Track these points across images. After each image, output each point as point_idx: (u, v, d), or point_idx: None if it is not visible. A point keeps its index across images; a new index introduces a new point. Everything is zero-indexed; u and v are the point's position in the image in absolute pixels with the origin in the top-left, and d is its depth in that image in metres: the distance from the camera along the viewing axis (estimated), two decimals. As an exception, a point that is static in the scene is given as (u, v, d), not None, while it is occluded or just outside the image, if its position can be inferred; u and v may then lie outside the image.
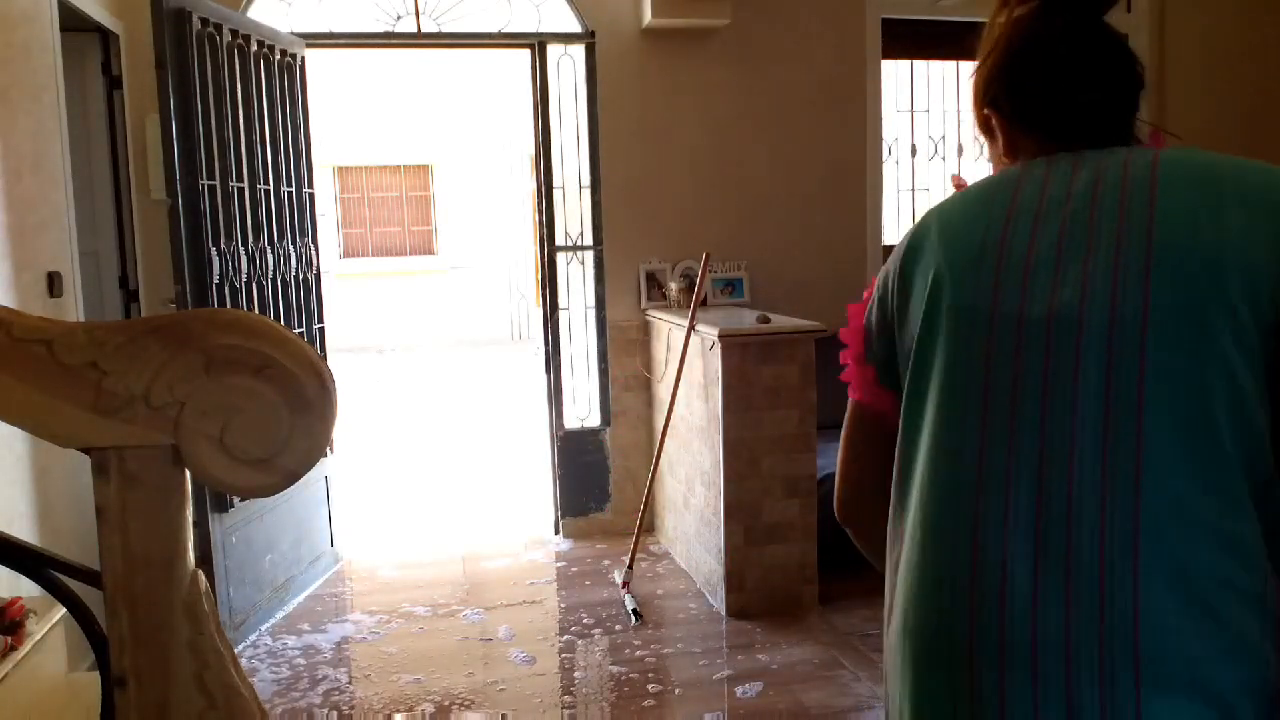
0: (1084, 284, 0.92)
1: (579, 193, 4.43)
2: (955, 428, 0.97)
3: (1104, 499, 0.89)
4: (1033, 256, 0.96)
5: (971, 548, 0.94)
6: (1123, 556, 0.87)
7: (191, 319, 1.04)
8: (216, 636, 1.09)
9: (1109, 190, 0.96)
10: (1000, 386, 0.94)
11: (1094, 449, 0.89)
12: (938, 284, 1.01)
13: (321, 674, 3.23)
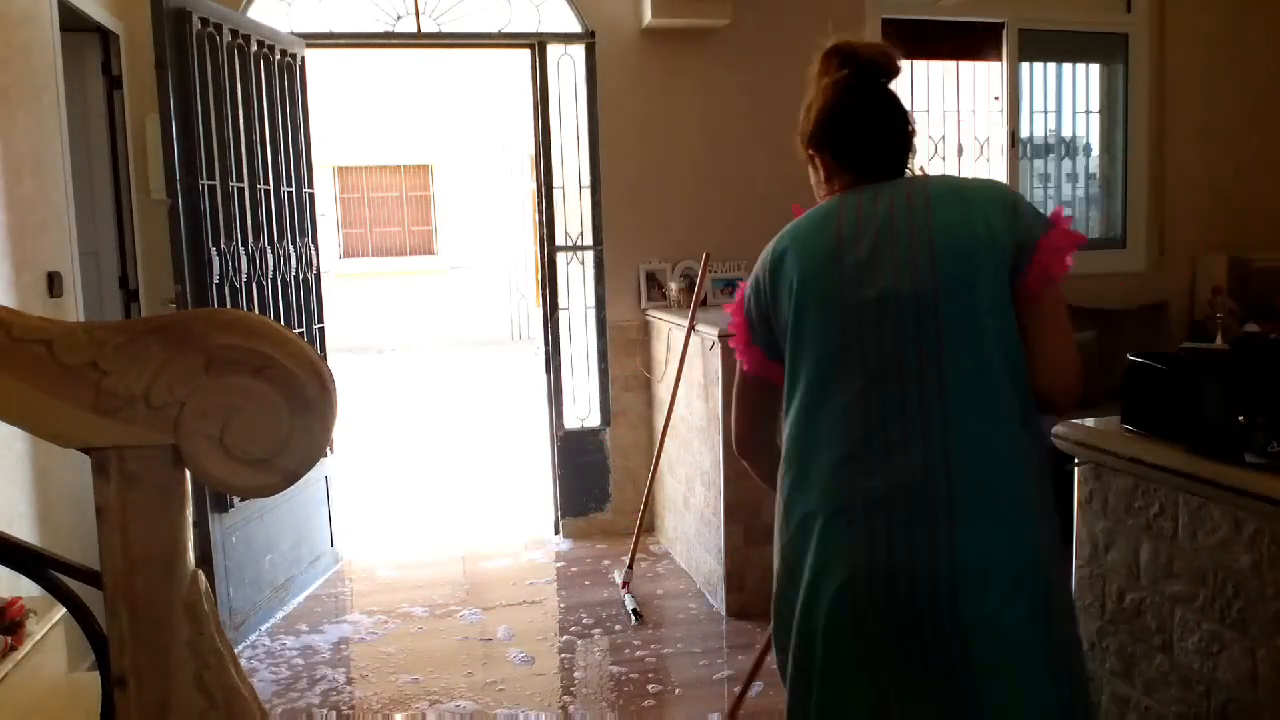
0: (894, 273, 1.44)
1: (579, 193, 4.43)
2: (831, 372, 1.47)
3: (923, 403, 1.40)
4: (859, 259, 1.46)
5: (861, 462, 1.43)
6: (943, 439, 1.39)
7: (191, 319, 1.04)
8: (216, 636, 1.09)
9: (900, 211, 1.47)
10: (853, 343, 1.45)
11: (915, 373, 1.41)
12: (801, 284, 1.50)
13: (320, 674, 3.23)
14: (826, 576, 1.43)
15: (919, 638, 1.37)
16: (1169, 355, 1.94)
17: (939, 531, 1.36)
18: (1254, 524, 1.65)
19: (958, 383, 1.40)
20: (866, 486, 1.41)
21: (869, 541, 1.39)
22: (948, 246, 1.43)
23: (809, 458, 1.47)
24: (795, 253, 1.53)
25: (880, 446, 1.41)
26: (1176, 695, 1.85)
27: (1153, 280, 5.14)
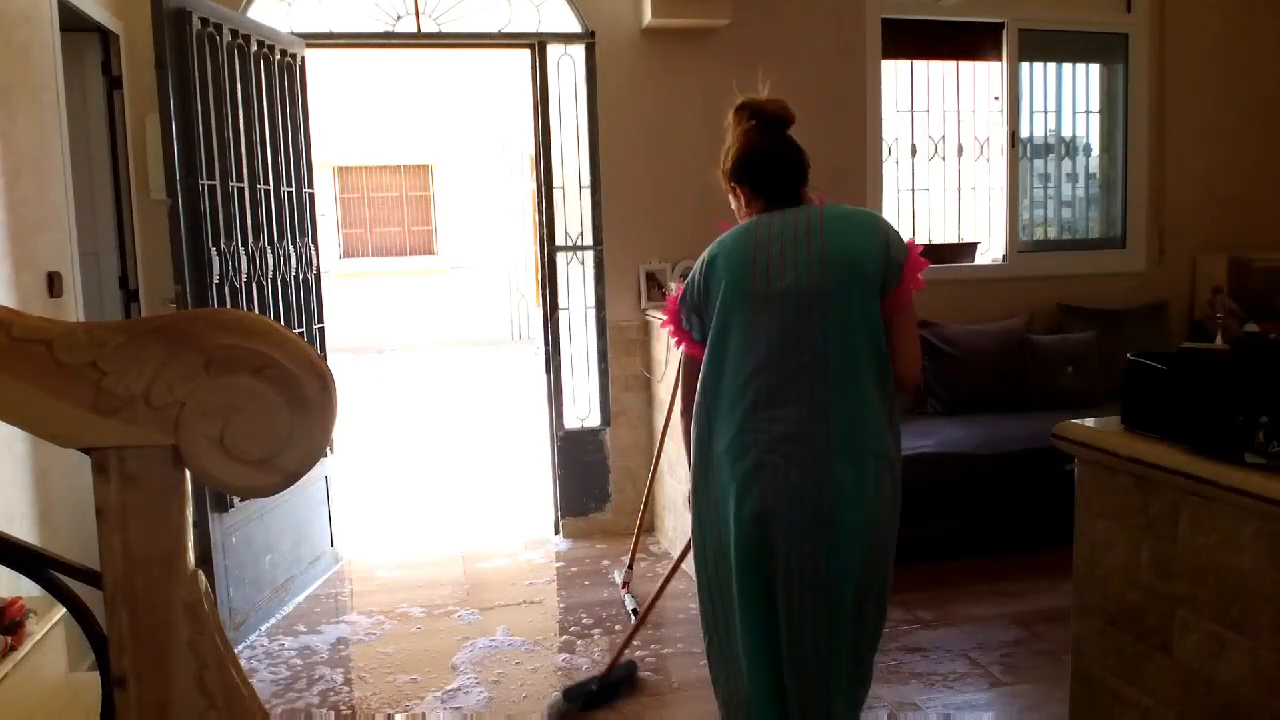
0: (796, 274, 1.96)
1: (579, 193, 4.43)
2: (751, 349, 1.97)
3: (815, 371, 1.92)
4: (771, 263, 1.98)
5: (767, 413, 1.95)
6: (824, 398, 1.91)
7: (191, 319, 1.04)
8: (216, 637, 1.09)
9: (802, 230, 2.00)
10: (763, 324, 1.96)
11: (809, 350, 1.93)
12: (729, 282, 2.01)
13: (319, 674, 3.23)
14: (743, 497, 1.96)
15: (806, 536, 1.92)
16: (1169, 355, 1.95)
17: (820, 467, 1.91)
18: (1254, 524, 1.65)
19: (835, 359, 1.93)
20: (770, 431, 1.93)
21: (771, 471, 1.93)
22: (836, 258, 1.95)
23: (727, 404, 2.00)
24: (724, 259, 2.05)
25: (780, 401, 1.94)
26: (1176, 695, 1.85)
27: (1153, 280, 5.14)
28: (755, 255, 2.00)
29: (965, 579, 3.84)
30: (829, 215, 2.02)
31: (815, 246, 1.96)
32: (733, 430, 1.97)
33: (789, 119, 2.12)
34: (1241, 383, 1.75)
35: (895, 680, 3.06)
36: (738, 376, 1.98)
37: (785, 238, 1.99)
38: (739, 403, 1.97)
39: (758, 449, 1.94)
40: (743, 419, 1.96)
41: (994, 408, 4.60)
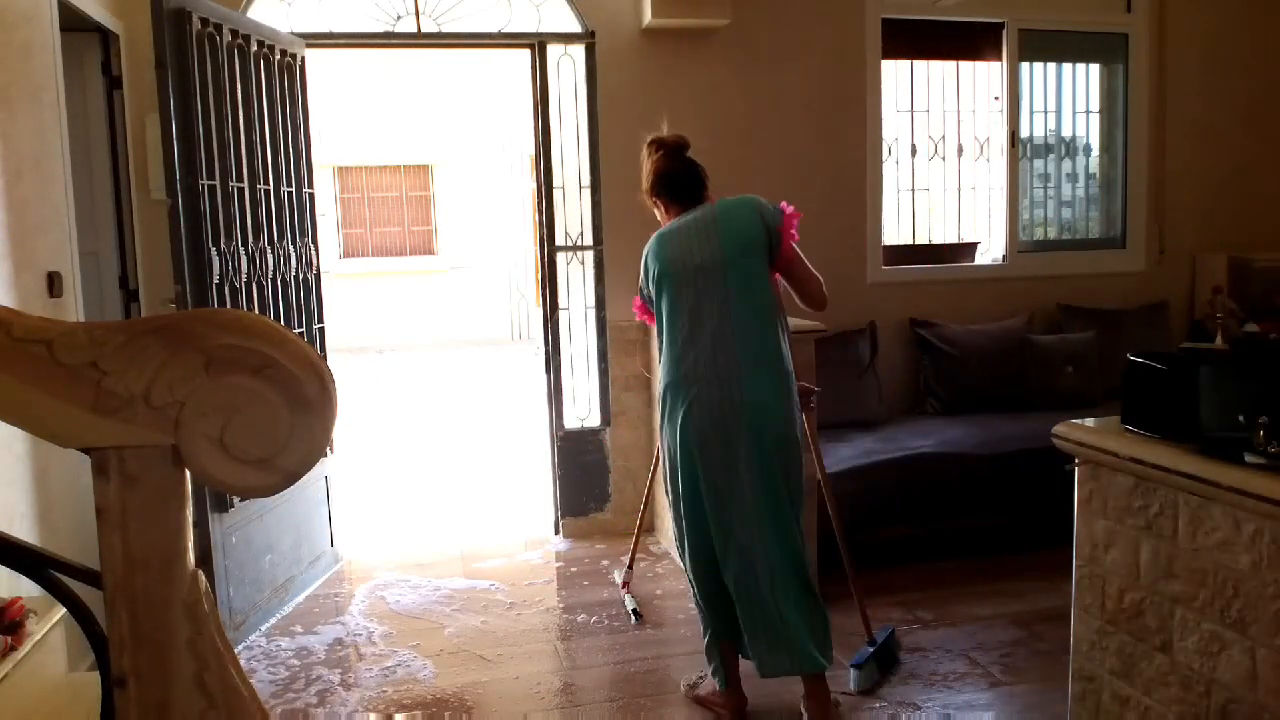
0: (705, 252, 2.69)
1: (579, 193, 4.43)
2: (679, 312, 2.70)
3: (724, 326, 2.65)
4: (688, 246, 2.72)
5: (693, 355, 2.67)
6: (733, 346, 2.64)
7: (191, 319, 1.04)
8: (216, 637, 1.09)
9: (704, 220, 2.75)
10: (689, 294, 2.69)
11: (720, 311, 2.66)
12: (660, 267, 2.75)
13: (318, 674, 3.23)
14: (685, 416, 2.66)
15: (733, 439, 2.62)
16: (1169, 355, 1.95)
17: (739, 386, 2.62)
18: (1254, 524, 1.65)
19: (738, 312, 2.65)
20: (695, 366, 2.65)
21: (703, 394, 2.64)
22: (729, 237, 2.69)
23: (670, 354, 2.72)
24: (654, 251, 2.79)
25: (704, 344, 2.65)
26: (1176, 695, 1.85)
27: (1153, 280, 5.14)
28: (677, 242, 2.74)
29: (965, 579, 3.84)
30: (719, 207, 2.77)
31: (714, 232, 2.70)
32: (674, 370, 2.70)
33: (686, 145, 2.93)
34: (1241, 383, 1.75)
35: (895, 680, 3.06)
36: (672, 330, 2.71)
37: (693, 229, 2.73)
38: (674, 349, 2.70)
39: (691, 381, 2.66)
40: (679, 361, 2.69)
41: (994, 408, 4.60)
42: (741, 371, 2.62)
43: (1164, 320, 5.01)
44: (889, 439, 4.23)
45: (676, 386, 2.69)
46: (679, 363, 2.68)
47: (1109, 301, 5.03)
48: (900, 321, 4.83)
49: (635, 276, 4.56)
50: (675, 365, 2.69)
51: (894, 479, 3.94)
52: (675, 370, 2.69)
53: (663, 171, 2.87)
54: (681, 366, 2.67)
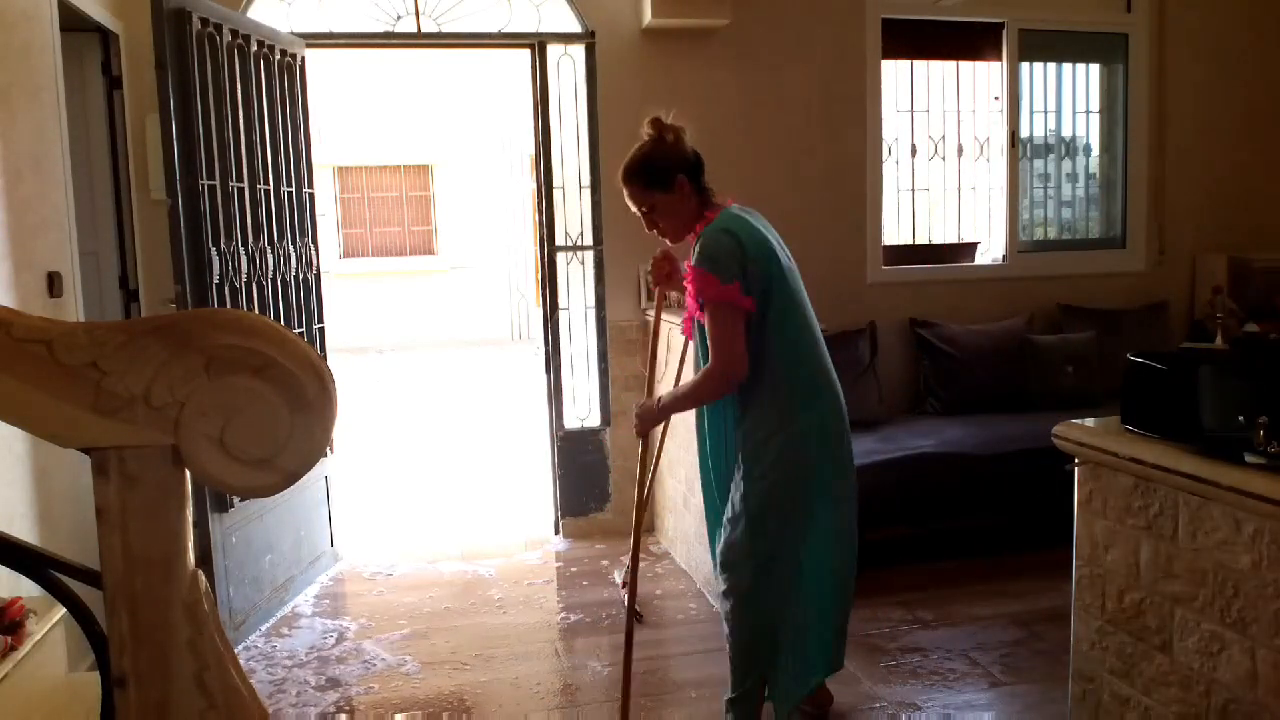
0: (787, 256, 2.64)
1: (579, 193, 4.43)
2: (799, 315, 2.64)
3: (818, 333, 2.68)
4: (777, 246, 2.62)
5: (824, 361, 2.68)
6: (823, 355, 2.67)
7: (191, 319, 1.04)
8: (216, 636, 1.09)
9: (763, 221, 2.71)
10: (801, 297, 2.65)
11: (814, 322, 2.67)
12: (773, 257, 2.58)
13: (318, 674, 3.23)
14: (833, 423, 2.64)
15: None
16: (1169, 355, 1.94)
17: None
18: (1254, 524, 1.65)
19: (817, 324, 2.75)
20: (829, 374, 2.69)
21: (838, 402, 2.66)
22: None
23: (811, 359, 2.71)
24: (753, 232, 2.64)
25: (823, 352, 2.72)
26: (1176, 695, 1.85)
27: (1153, 280, 5.14)
28: (769, 240, 2.62)
29: (965, 579, 3.84)
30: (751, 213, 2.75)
31: (775, 236, 2.75)
32: (816, 376, 2.66)
33: None
34: (1241, 383, 1.75)
35: (895, 680, 3.06)
36: (804, 334, 2.69)
37: (765, 226, 2.71)
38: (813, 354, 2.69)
39: (829, 386, 2.65)
40: (821, 365, 2.68)
41: (994, 408, 4.60)
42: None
43: (1164, 320, 5.01)
44: (889, 439, 4.23)
45: (821, 394, 2.56)
46: (821, 370, 2.59)
47: (1109, 301, 5.03)
48: (900, 321, 4.83)
49: (635, 276, 4.61)
50: (818, 373, 2.58)
51: (894, 479, 3.94)
52: (818, 378, 2.57)
53: (693, 154, 2.65)
54: (823, 374, 2.58)
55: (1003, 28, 4.89)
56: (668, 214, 2.61)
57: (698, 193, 2.62)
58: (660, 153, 2.60)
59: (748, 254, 2.46)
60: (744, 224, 2.54)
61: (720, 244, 2.46)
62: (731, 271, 2.42)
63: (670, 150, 2.61)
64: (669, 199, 2.59)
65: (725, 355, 2.42)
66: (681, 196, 2.59)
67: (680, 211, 2.61)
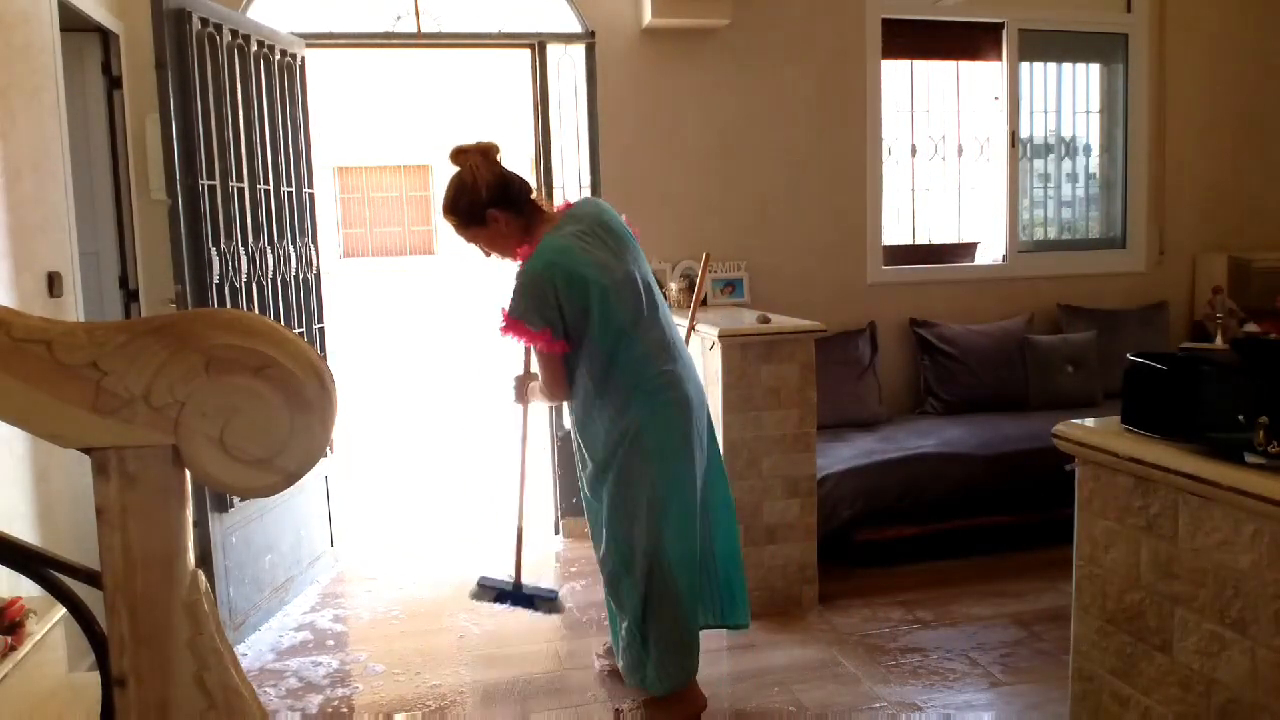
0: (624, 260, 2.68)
1: (579, 192, 4.43)
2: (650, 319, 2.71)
3: (670, 332, 2.73)
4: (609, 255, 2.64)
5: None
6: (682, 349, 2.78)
7: (191, 319, 1.04)
8: (216, 637, 1.09)
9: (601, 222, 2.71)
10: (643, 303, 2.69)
11: (665, 315, 2.75)
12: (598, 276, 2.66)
13: (318, 674, 3.22)
14: (682, 407, 2.73)
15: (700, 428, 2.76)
16: (1169, 355, 1.94)
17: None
18: (1254, 524, 1.65)
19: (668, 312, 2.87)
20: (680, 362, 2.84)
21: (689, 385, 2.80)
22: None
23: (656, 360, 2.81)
24: (576, 260, 2.65)
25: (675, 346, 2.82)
26: (1176, 695, 1.85)
27: (1153, 280, 5.14)
28: (598, 253, 2.68)
29: (965, 579, 3.84)
30: (601, 209, 2.79)
31: (617, 239, 2.76)
32: (670, 390, 2.77)
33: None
34: (1241, 383, 1.75)
35: (895, 680, 3.06)
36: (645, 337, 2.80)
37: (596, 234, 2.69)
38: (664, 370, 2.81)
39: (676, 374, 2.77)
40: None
41: (994, 408, 4.60)
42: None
43: (1164, 320, 5.01)
44: (889, 439, 4.23)
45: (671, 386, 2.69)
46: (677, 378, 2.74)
47: (1109, 301, 5.03)
48: (900, 321, 4.83)
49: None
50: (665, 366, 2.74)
51: (894, 479, 3.94)
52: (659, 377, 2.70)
53: (508, 175, 2.65)
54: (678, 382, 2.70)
55: (1003, 28, 4.89)
56: (492, 244, 2.68)
57: (518, 215, 2.63)
58: (464, 193, 2.61)
59: (559, 290, 2.52)
60: (559, 253, 2.55)
61: (530, 287, 2.53)
62: (543, 316, 2.52)
63: (471, 190, 2.60)
64: (488, 232, 2.64)
65: (548, 385, 2.67)
66: (499, 228, 2.63)
67: (504, 237, 2.65)
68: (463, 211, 2.61)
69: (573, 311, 2.54)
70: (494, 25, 4.31)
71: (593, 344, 2.58)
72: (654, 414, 2.62)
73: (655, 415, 2.63)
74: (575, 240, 2.58)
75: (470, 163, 2.61)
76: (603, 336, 2.58)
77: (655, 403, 2.63)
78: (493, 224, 2.61)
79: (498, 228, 2.62)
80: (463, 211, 2.61)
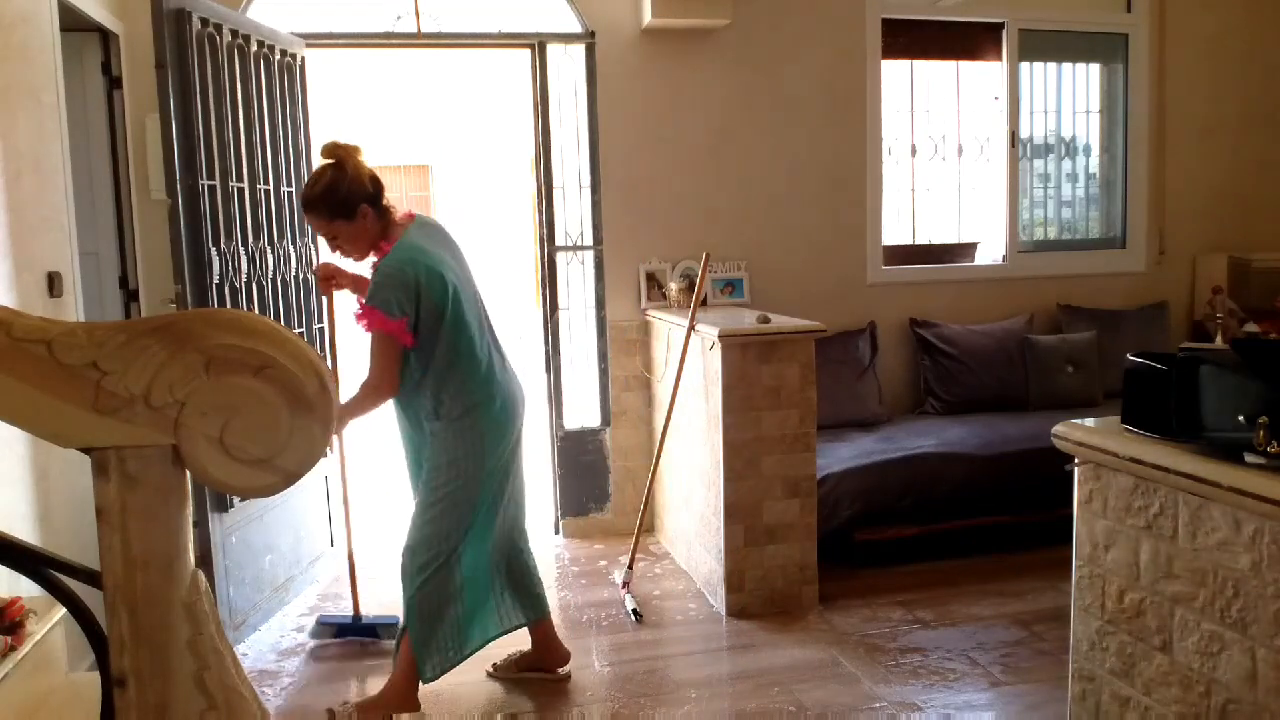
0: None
1: (579, 193, 4.43)
2: (475, 328, 2.81)
3: (496, 342, 2.91)
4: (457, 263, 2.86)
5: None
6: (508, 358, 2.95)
7: (191, 319, 1.04)
8: (216, 637, 1.09)
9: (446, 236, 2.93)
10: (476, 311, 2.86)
11: (493, 326, 2.92)
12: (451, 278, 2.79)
13: (318, 674, 3.22)
14: (510, 417, 2.91)
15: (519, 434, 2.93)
16: (1169, 355, 1.94)
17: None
18: (1254, 524, 1.65)
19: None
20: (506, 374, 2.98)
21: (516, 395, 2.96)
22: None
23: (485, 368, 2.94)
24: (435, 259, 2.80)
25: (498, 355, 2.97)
26: (1176, 695, 1.85)
27: (1153, 280, 5.14)
28: (450, 258, 2.85)
29: (965, 579, 3.84)
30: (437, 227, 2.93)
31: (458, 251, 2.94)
32: (497, 393, 2.89)
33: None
34: (1241, 383, 1.75)
35: (895, 680, 3.06)
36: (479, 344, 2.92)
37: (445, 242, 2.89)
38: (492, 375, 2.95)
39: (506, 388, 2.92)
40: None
41: (994, 408, 4.60)
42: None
43: (1164, 320, 5.01)
44: (889, 439, 4.23)
45: (499, 396, 2.81)
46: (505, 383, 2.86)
47: (1109, 301, 5.03)
48: (900, 321, 4.83)
49: (635, 276, 4.62)
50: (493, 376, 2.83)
51: (894, 479, 3.94)
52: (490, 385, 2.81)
53: (373, 175, 2.73)
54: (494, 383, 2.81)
55: (1003, 28, 4.89)
56: (352, 240, 2.72)
57: (380, 217, 2.72)
58: (343, 184, 2.66)
59: (421, 285, 2.61)
60: (420, 252, 2.66)
61: (394, 279, 2.60)
62: (401, 306, 2.60)
63: (352, 181, 2.66)
64: (352, 227, 2.68)
65: (378, 377, 2.67)
66: (365, 224, 2.69)
67: (364, 236, 2.71)
68: (339, 201, 2.65)
69: (428, 308, 2.63)
70: (494, 25, 4.30)
71: (439, 341, 2.69)
72: (489, 416, 2.77)
73: (490, 417, 2.78)
74: (431, 244, 2.74)
75: (351, 156, 2.68)
76: (453, 335, 2.69)
77: (491, 406, 2.77)
78: (361, 219, 2.68)
79: (364, 224, 2.69)
80: (339, 201, 2.65)
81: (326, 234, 2.74)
